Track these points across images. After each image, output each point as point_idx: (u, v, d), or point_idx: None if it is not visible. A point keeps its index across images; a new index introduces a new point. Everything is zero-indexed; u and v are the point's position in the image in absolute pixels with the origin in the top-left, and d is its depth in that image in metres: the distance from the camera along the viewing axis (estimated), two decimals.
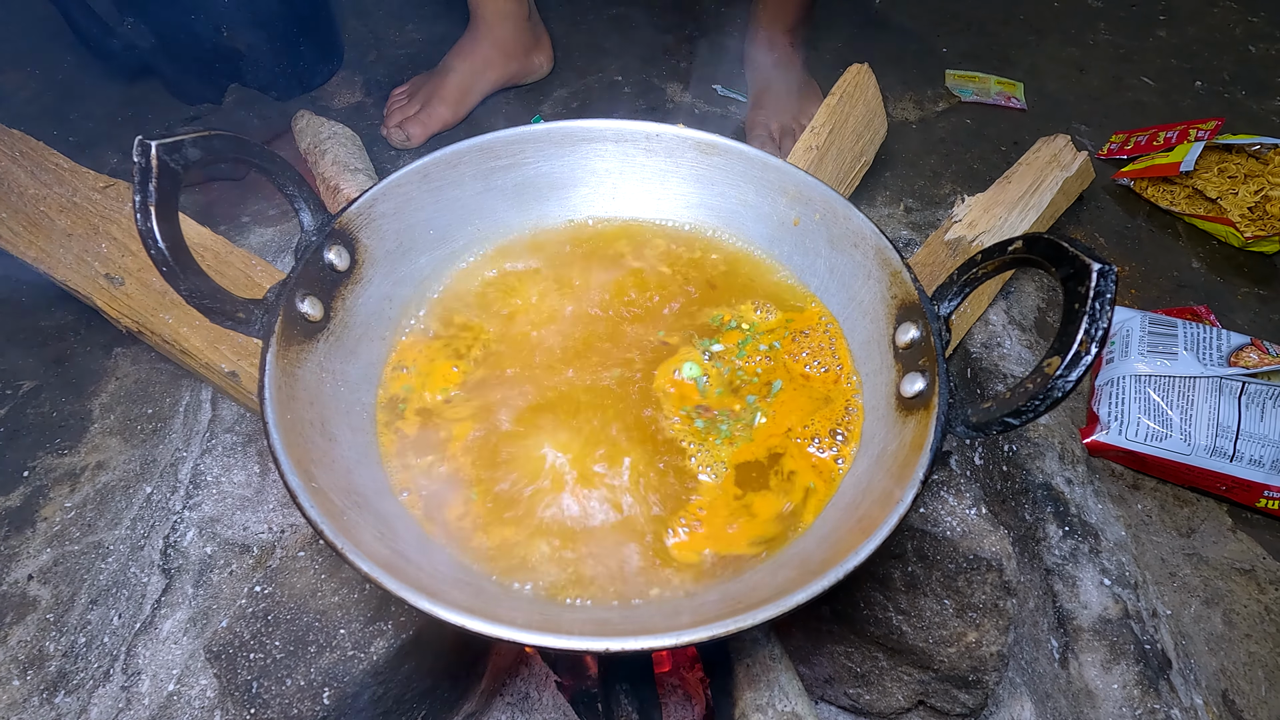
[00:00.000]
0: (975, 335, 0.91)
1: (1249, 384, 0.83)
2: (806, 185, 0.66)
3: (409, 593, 0.41)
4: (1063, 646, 0.68)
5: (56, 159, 0.90)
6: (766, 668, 0.60)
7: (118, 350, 0.97)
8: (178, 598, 0.73)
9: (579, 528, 0.53)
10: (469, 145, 0.67)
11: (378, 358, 0.62)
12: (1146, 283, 1.07)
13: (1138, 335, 0.88)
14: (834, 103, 0.95)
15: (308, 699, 0.53)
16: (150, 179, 0.45)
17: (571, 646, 0.40)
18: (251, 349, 0.76)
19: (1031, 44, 1.50)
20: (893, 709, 0.71)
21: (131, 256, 0.82)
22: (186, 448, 0.86)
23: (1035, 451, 0.81)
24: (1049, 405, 0.43)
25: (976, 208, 0.91)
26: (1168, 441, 0.82)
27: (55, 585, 0.77)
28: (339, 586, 0.58)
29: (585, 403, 0.60)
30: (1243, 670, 0.73)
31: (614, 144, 0.71)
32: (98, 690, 0.70)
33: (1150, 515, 0.83)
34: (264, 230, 1.07)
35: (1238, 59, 1.47)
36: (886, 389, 0.57)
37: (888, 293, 0.59)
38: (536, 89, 1.37)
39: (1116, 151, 1.24)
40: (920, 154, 1.26)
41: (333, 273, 0.59)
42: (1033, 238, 0.47)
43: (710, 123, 1.31)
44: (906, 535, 0.64)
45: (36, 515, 0.82)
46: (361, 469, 0.53)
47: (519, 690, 0.72)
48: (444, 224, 0.67)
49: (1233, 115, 1.34)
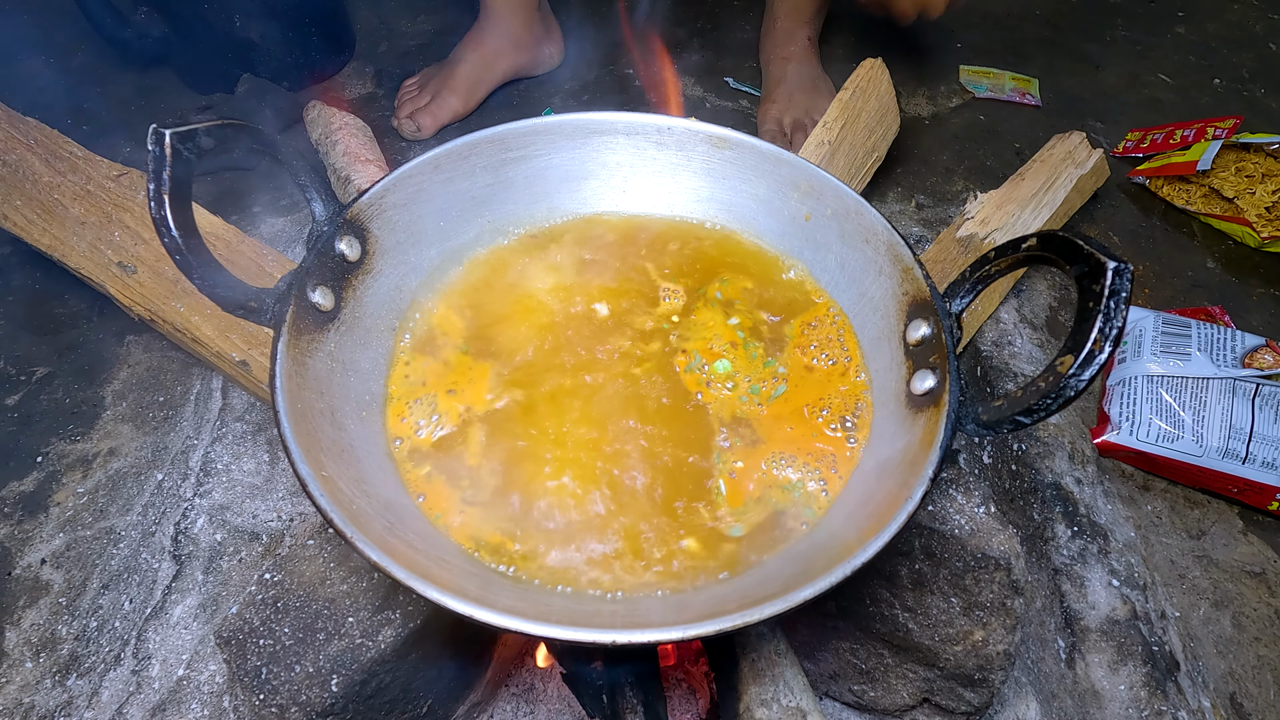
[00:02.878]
0: (986, 333, 0.91)
1: (1263, 385, 0.82)
2: (819, 180, 0.66)
3: (417, 581, 0.41)
4: (1070, 646, 0.68)
5: (71, 147, 0.90)
6: (772, 663, 0.60)
7: (130, 338, 0.97)
8: (188, 584, 0.73)
9: (589, 519, 0.53)
10: (481, 136, 0.67)
11: (388, 348, 0.62)
12: (1160, 282, 1.06)
13: (1150, 335, 0.87)
14: (847, 97, 0.94)
15: (316, 686, 0.54)
16: (164, 167, 0.45)
17: (578, 638, 0.40)
18: (262, 338, 0.76)
19: (1047, 40, 1.48)
20: (897, 706, 0.71)
21: (144, 245, 0.83)
22: (197, 435, 0.87)
23: (1045, 451, 0.80)
24: (1061, 404, 0.43)
25: (989, 205, 0.91)
26: (1179, 443, 0.81)
27: (68, 570, 0.78)
28: (348, 575, 0.58)
29: (595, 393, 0.60)
30: (1251, 673, 0.73)
31: (625, 137, 0.71)
32: (109, 674, 0.71)
33: (1160, 516, 0.83)
34: (275, 220, 1.08)
35: (1257, 56, 1.45)
36: (896, 386, 0.57)
37: (899, 289, 0.59)
38: (547, 81, 1.37)
39: (1132, 149, 1.23)
40: (933, 150, 1.25)
41: (344, 263, 0.59)
42: (1047, 235, 0.46)
43: (722, 116, 1.31)
44: (914, 533, 0.64)
45: (49, 500, 0.83)
46: (370, 458, 0.54)
47: (525, 681, 0.72)
48: (455, 215, 0.67)
49: (1252, 113, 1.32)
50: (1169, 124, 1.24)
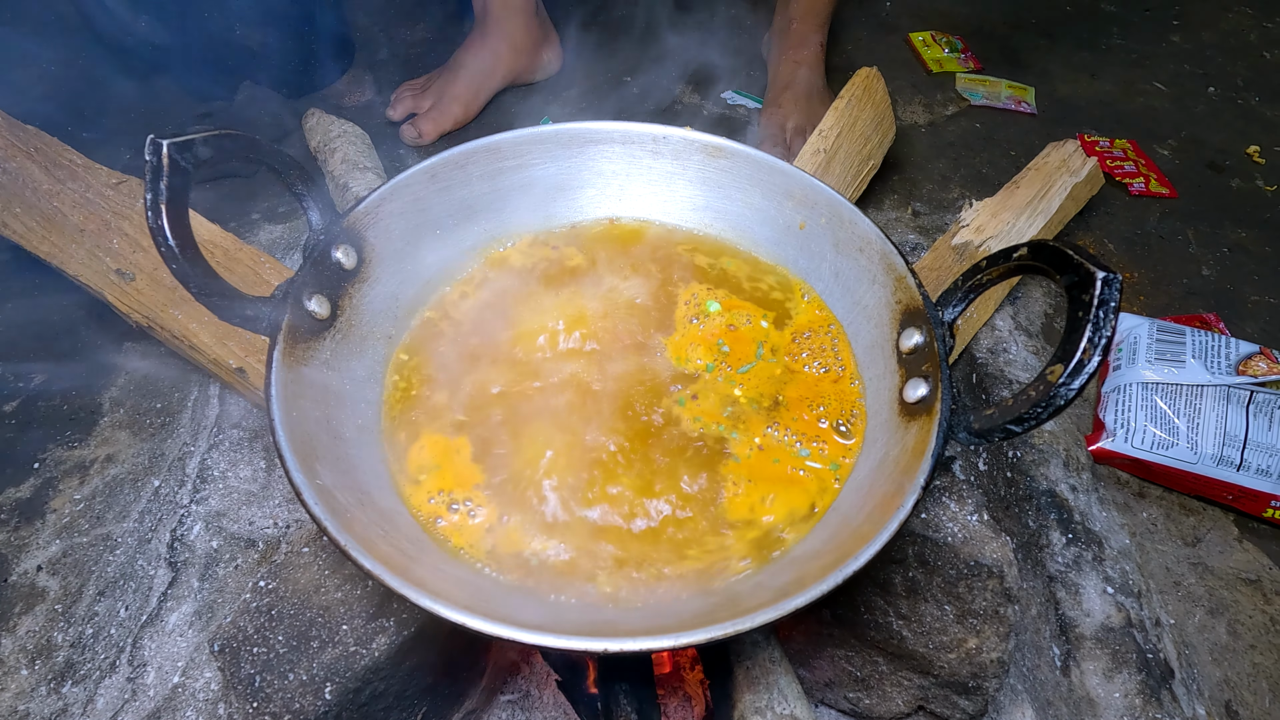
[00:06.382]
0: (981, 340, 0.91)
1: (1257, 393, 0.82)
2: (813, 189, 0.66)
3: (410, 590, 0.42)
4: (1064, 654, 0.68)
5: (70, 155, 0.90)
6: (766, 670, 0.60)
7: (128, 345, 0.98)
8: (184, 591, 0.73)
9: (582, 525, 0.53)
10: (477, 146, 0.68)
11: (384, 356, 0.62)
12: (1155, 289, 1.06)
13: (1145, 342, 0.88)
14: (842, 106, 0.95)
15: (310, 694, 0.54)
16: (161, 177, 0.46)
17: (571, 646, 0.40)
18: (259, 345, 0.77)
19: (1043, 48, 1.49)
20: (892, 713, 0.71)
21: (142, 252, 0.83)
22: (194, 442, 0.87)
23: (1040, 458, 0.80)
24: (1051, 413, 0.43)
25: (984, 212, 0.91)
26: (1174, 450, 0.81)
27: (64, 576, 0.78)
28: (342, 583, 0.58)
29: (589, 399, 0.60)
30: (1246, 681, 0.73)
31: (621, 146, 0.71)
32: (104, 681, 0.71)
33: (1155, 524, 0.83)
34: (273, 227, 1.08)
35: (1252, 65, 1.46)
36: (889, 394, 0.57)
37: (892, 298, 0.59)
38: (545, 88, 1.37)
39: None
40: (929, 158, 1.25)
41: (340, 271, 0.59)
42: (1038, 244, 0.46)
43: (718, 125, 1.31)
44: (908, 540, 0.64)
45: (46, 507, 0.83)
46: (365, 466, 0.54)
47: (519, 688, 0.72)
48: (451, 224, 0.68)
49: (1246, 121, 1.33)
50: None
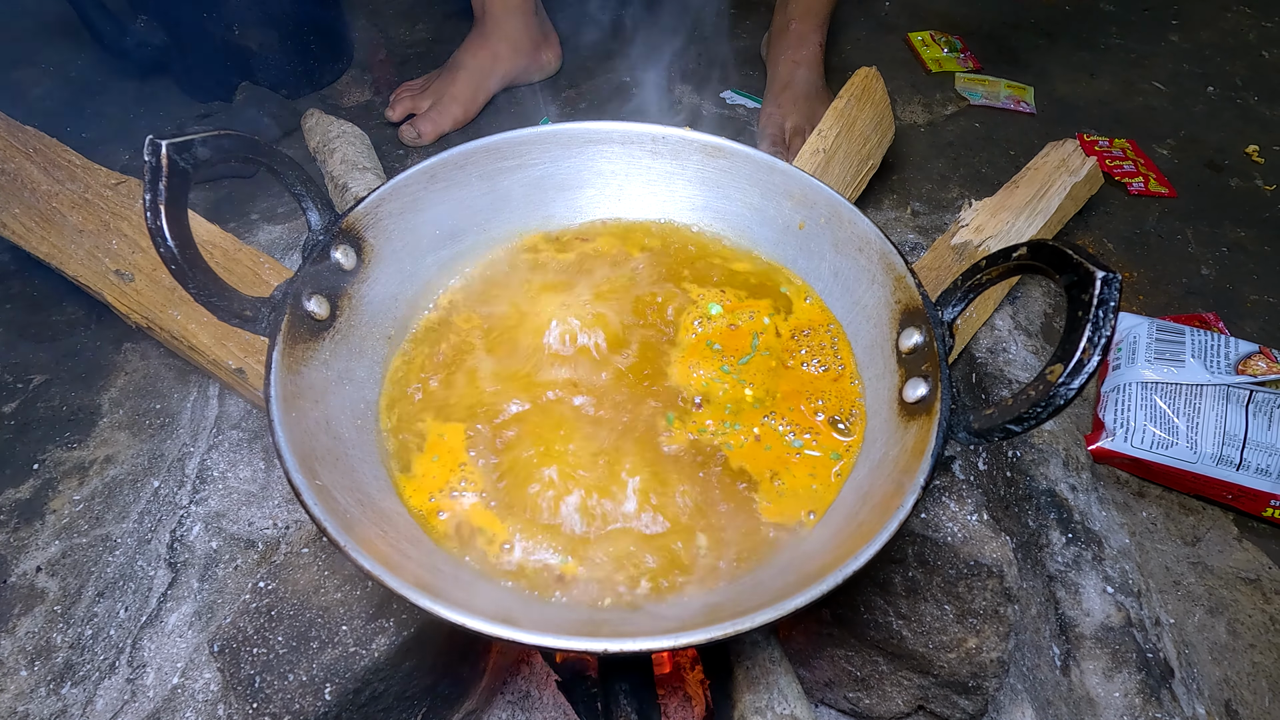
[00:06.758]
0: (981, 340, 0.91)
1: (1257, 392, 0.82)
2: (812, 189, 0.66)
3: (410, 591, 0.42)
4: (1064, 653, 0.68)
5: (69, 155, 0.90)
6: (766, 670, 0.60)
7: (127, 345, 0.98)
8: (183, 591, 0.73)
9: (582, 529, 0.53)
10: (476, 146, 0.67)
11: (383, 357, 0.62)
12: (1155, 289, 1.06)
13: (1145, 342, 0.88)
14: (841, 106, 0.95)
15: (310, 694, 0.54)
16: (160, 178, 0.46)
17: (571, 647, 0.40)
18: (258, 346, 0.77)
19: (1042, 48, 1.49)
20: (892, 713, 0.71)
21: (141, 253, 0.83)
22: (194, 443, 0.87)
23: (1039, 457, 0.80)
24: (1051, 413, 0.43)
25: (983, 212, 0.91)
26: (1174, 449, 0.81)
27: (63, 577, 0.78)
28: (342, 583, 0.58)
29: (590, 400, 0.60)
30: (1246, 680, 0.73)
31: (620, 146, 0.71)
32: (103, 682, 0.71)
33: (1155, 523, 0.83)
34: (273, 227, 1.08)
35: (1251, 64, 1.46)
36: (889, 394, 0.57)
37: (891, 297, 0.59)
38: (544, 88, 1.37)
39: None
40: (928, 158, 1.25)
41: (339, 272, 0.59)
42: (1037, 244, 0.46)
43: (718, 125, 1.31)
44: (907, 540, 0.64)
45: (45, 508, 0.83)
46: (365, 467, 0.54)
47: (519, 689, 0.72)
48: (450, 224, 0.68)
49: (1245, 121, 1.33)
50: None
